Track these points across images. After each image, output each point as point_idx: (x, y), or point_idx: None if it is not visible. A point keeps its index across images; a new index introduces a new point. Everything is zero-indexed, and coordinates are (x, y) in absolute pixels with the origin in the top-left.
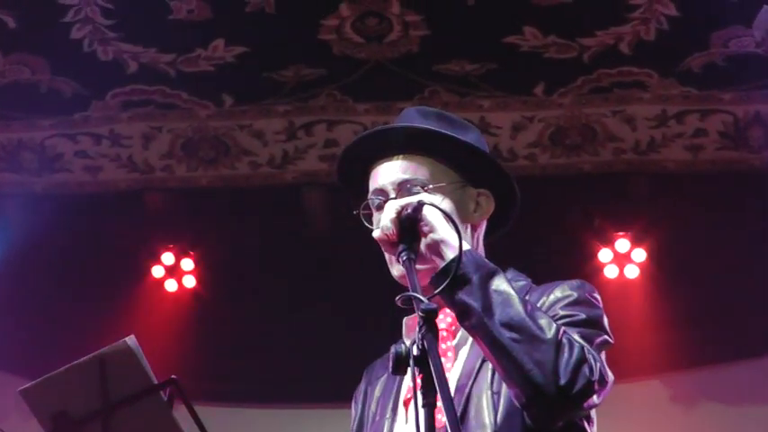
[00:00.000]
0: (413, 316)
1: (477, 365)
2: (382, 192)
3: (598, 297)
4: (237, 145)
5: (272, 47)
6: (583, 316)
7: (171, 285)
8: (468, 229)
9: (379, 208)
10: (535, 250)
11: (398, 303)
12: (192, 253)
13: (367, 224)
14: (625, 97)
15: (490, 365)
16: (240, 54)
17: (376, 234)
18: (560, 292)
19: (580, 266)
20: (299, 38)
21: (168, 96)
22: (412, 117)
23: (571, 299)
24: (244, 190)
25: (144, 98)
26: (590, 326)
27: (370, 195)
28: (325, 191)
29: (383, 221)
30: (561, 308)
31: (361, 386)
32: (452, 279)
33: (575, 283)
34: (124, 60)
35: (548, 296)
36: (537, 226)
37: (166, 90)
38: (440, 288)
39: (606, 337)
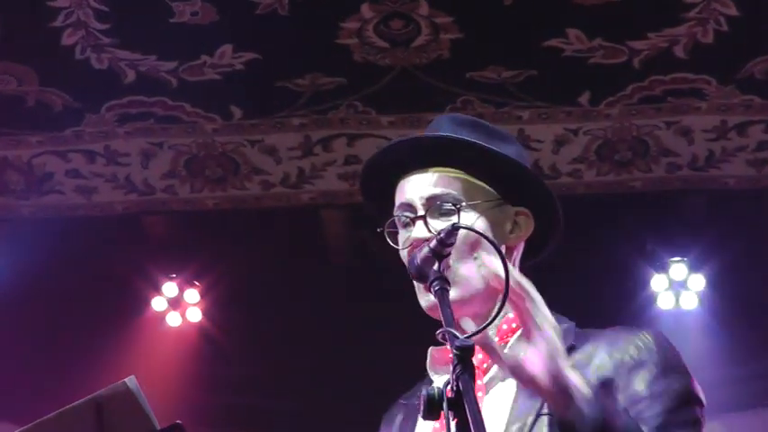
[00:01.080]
0: (441, 348)
1: (531, 420)
2: (410, 207)
3: (677, 351)
4: (247, 162)
5: (286, 53)
6: (675, 401)
7: (174, 319)
8: (504, 251)
9: (407, 225)
10: (579, 278)
11: (438, 338)
12: (196, 283)
13: (392, 243)
14: (680, 107)
15: (547, 422)
16: (250, 61)
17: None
18: (631, 359)
19: (630, 296)
20: (316, 43)
21: (170, 109)
22: (445, 126)
23: (653, 371)
24: (255, 213)
25: (143, 111)
26: (685, 405)
27: (396, 211)
28: (346, 213)
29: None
30: (646, 389)
31: None
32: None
33: (647, 340)
34: (121, 69)
35: (616, 365)
36: (581, 250)
37: (168, 102)
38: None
39: (701, 409)
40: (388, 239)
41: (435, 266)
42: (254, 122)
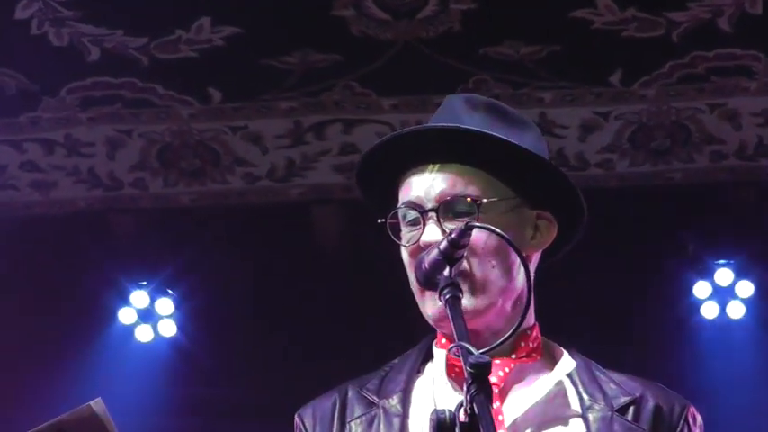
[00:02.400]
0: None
1: None
2: (417, 205)
3: None
4: (229, 152)
5: (272, 26)
6: None
7: (144, 333)
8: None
9: (414, 223)
10: (609, 284)
11: (451, 354)
12: (170, 292)
13: (394, 238)
14: (725, 87)
15: None
16: (231, 36)
17: (405, 256)
18: None
19: (669, 305)
20: (307, 14)
21: (140, 91)
22: (458, 110)
23: None
24: (237, 210)
25: (109, 94)
26: None
27: (402, 204)
28: (340, 210)
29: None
30: None
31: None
32: None
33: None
34: (83, 46)
35: None
36: (612, 252)
37: (137, 83)
38: None
39: None
40: (390, 233)
41: (446, 271)
42: (236, 106)
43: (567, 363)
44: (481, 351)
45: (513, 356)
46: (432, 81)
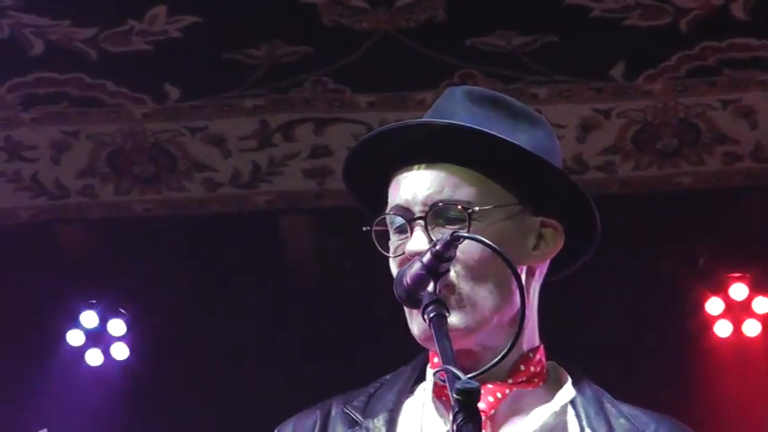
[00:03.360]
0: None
1: None
2: (406, 210)
3: None
4: (187, 156)
5: (236, 16)
6: None
7: (94, 357)
8: (524, 274)
9: (401, 231)
10: (610, 301)
11: (436, 380)
12: (122, 312)
13: (380, 248)
14: (740, 81)
15: None
16: (189, 26)
17: (393, 267)
18: None
19: (679, 323)
20: (275, 2)
21: (88, 88)
22: (455, 103)
23: None
24: (197, 220)
25: (54, 91)
26: None
27: (388, 210)
28: (312, 220)
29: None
30: None
31: None
32: None
33: None
34: (25, 38)
35: None
36: (614, 266)
37: (86, 79)
38: None
39: None
40: (376, 243)
41: (430, 287)
42: (195, 105)
43: (566, 392)
44: (471, 375)
45: (510, 381)
46: (413, 76)
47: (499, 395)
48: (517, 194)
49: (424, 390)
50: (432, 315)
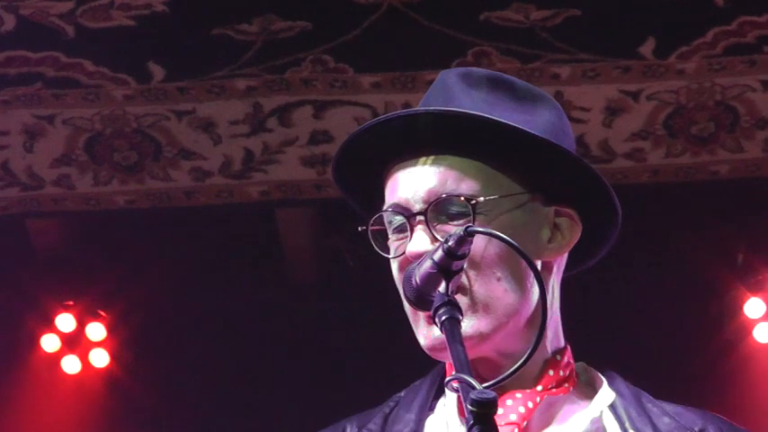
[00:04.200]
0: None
1: None
2: (404, 208)
3: None
4: (173, 142)
5: None
6: None
7: (71, 364)
8: (540, 267)
9: (401, 230)
10: (639, 301)
11: (449, 389)
12: (102, 314)
13: (378, 248)
14: None
15: None
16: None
17: (395, 269)
18: None
19: (715, 326)
20: None
21: (64, 68)
22: (453, 87)
23: None
24: (183, 213)
25: (26, 71)
26: None
27: (386, 207)
28: (311, 212)
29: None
30: None
31: None
32: None
33: None
34: None
35: None
36: (644, 262)
37: (62, 58)
38: None
39: None
40: (374, 243)
41: (442, 288)
42: (181, 86)
43: (605, 394)
44: (488, 384)
45: (539, 388)
46: (422, 54)
47: (530, 404)
48: (526, 183)
49: (445, 406)
50: (444, 318)
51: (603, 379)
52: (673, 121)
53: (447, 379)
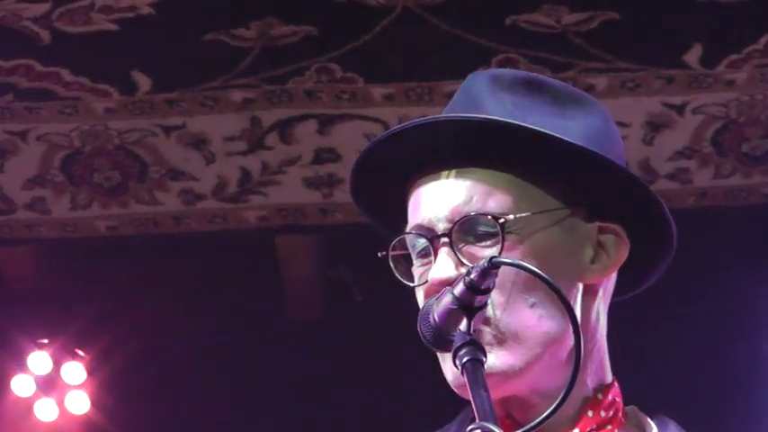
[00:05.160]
0: None
1: None
2: (427, 229)
3: None
4: (161, 161)
5: None
6: None
7: (46, 409)
8: (580, 294)
9: (425, 254)
10: (684, 335)
11: None
12: (80, 354)
13: (401, 277)
14: None
15: None
16: (164, 1)
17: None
18: None
19: (764, 361)
20: None
21: (39, 78)
22: (479, 92)
23: None
24: (171, 241)
25: None
26: None
27: (408, 230)
28: (315, 240)
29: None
30: None
31: None
32: None
33: None
34: None
35: None
36: (689, 294)
37: (36, 66)
38: None
39: None
40: (395, 270)
41: (463, 326)
42: (170, 98)
43: None
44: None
45: (577, 431)
46: (440, 62)
47: None
48: (565, 197)
49: None
50: (465, 360)
51: (654, 425)
52: (721, 137)
53: (470, 428)
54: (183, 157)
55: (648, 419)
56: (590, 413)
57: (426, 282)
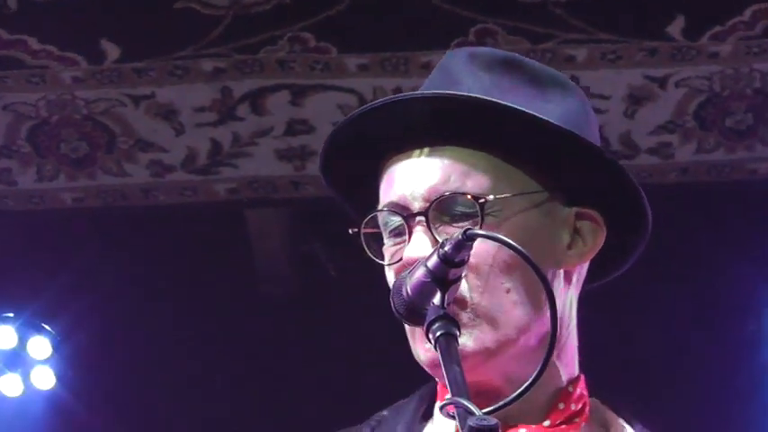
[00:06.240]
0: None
1: None
2: (403, 207)
3: None
4: (129, 132)
5: None
6: None
7: (11, 385)
8: (556, 280)
9: (398, 233)
10: (666, 317)
11: (443, 415)
12: (46, 327)
13: (372, 255)
14: None
15: None
16: None
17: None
18: None
19: (754, 348)
20: None
21: (5, 46)
22: (458, 69)
23: None
24: (140, 214)
25: None
26: None
27: (381, 207)
28: (287, 214)
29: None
30: None
31: None
32: None
33: None
34: None
35: None
36: (671, 274)
37: (2, 35)
38: None
39: None
40: (367, 248)
41: (437, 299)
42: (139, 67)
43: None
44: (488, 410)
45: (546, 423)
46: (416, 32)
47: None
48: (544, 180)
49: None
50: (439, 334)
51: (622, 422)
52: (705, 111)
53: (442, 404)
54: (151, 128)
55: (615, 416)
56: (561, 405)
57: (399, 260)
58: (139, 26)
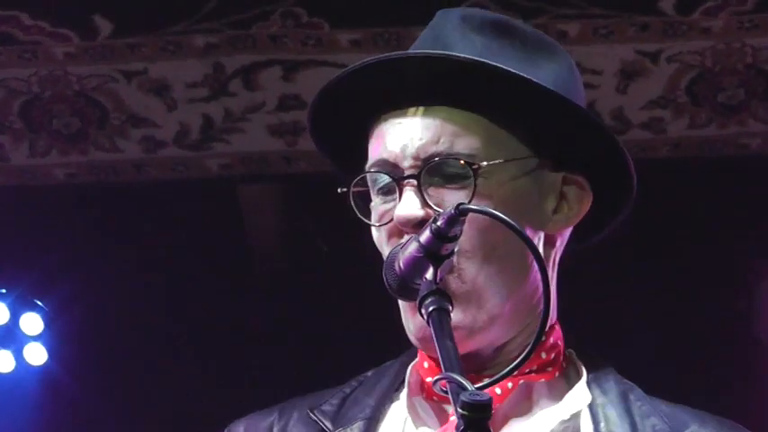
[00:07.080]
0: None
1: None
2: (393, 166)
3: None
4: (121, 108)
5: None
6: None
7: (3, 361)
8: (541, 244)
9: (387, 191)
10: (657, 294)
11: (436, 390)
12: (39, 303)
13: (360, 215)
14: None
15: None
16: None
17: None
18: None
19: (747, 326)
20: None
21: None
22: (450, 30)
23: None
24: (132, 189)
25: None
26: None
27: (369, 165)
28: (279, 189)
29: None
30: None
31: None
32: None
33: None
34: None
35: None
36: (663, 249)
37: None
38: None
39: None
40: (355, 208)
41: (429, 274)
42: (131, 42)
43: (579, 393)
44: (481, 385)
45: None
46: (408, 7)
47: (498, 391)
48: (533, 145)
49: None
50: (431, 309)
51: (585, 372)
52: (697, 86)
53: (434, 378)
54: (144, 104)
55: (582, 367)
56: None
57: (390, 221)
58: (132, 2)
